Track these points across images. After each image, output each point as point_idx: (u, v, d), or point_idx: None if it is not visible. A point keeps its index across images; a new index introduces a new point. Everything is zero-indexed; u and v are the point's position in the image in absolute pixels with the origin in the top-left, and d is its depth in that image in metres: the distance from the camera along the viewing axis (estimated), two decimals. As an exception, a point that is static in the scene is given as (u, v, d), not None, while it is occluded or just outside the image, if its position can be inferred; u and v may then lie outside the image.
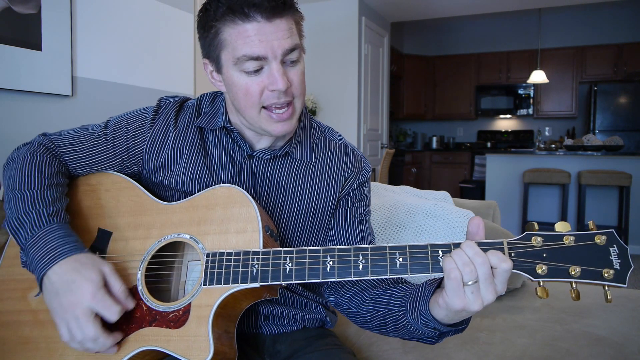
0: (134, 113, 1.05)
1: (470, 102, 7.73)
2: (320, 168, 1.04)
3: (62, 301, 0.81)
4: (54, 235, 0.86)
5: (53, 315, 0.83)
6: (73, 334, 0.81)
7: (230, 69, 0.89)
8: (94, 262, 0.84)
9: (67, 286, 0.81)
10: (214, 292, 0.83)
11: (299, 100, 0.93)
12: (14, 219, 0.89)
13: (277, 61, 0.86)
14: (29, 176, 0.93)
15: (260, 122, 0.92)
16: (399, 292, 0.92)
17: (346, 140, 1.11)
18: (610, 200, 4.81)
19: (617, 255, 0.74)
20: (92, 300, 0.80)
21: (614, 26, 6.87)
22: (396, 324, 0.90)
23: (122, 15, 2.16)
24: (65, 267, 0.83)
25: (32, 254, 0.85)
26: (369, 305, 0.95)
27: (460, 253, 0.73)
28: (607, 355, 1.20)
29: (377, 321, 0.94)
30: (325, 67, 5.09)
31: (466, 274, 0.72)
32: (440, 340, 0.88)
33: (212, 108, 1.04)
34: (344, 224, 1.05)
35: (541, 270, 0.74)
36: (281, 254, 0.82)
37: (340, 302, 1.01)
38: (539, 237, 0.75)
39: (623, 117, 6.32)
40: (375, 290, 0.96)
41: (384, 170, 5.11)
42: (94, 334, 0.80)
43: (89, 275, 0.82)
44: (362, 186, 1.07)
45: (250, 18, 0.84)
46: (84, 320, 0.80)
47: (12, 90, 1.74)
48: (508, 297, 1.66)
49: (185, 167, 1.00)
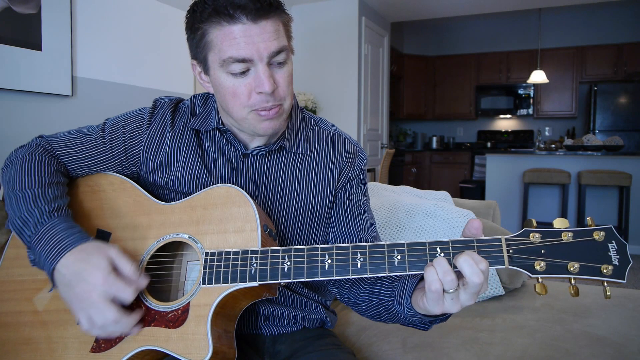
0: (130, 114, 1.05)
1: (470, 102, 7.73)
2: (316, 161, 1.04)
3: (76, 292, 0.82)
4: (57, 229, 0.86)
5: (70, 306, 0.84)
6: (94, 320, 0.81)
7: (217, 71, 0.89)
8: (99, 249, 0.85)
9: (78, 276, 0.82)
10: (213, 292, 0.84)
11: (287, 102, 0.93)
12: (17, 219, 0.89)
13: (264, 63, 0.86)
14: (29, 175, 0.94)
15: (249, 122, 0.92)
16: (389, 282, 0.94)
17: (340, 130, 1.11)
18: (610, 200, 4.81)
19: (615, 251, 0.73)
20: (104, 285, 0.81)
21: (614, 26, 6.87)
22: (389, 312, 0.92)
23: (122, 15, 2.16)
24: (72, 258, 0.83)
25: (38, 251, 0.86)
26: (364, 295, 0.97)
27: (441, 262, 0.74)
28: (607, 355, 1.20)
29: (372, 310, 0.97)
30: (325, 67, 5.09)
31: (447, 283, 0.73)
32: (431, 326, 0.89)
33: (205, 109, 1.04)
34: (345, 217, 1.06)
35: (539, 266, 0.74)
36: (279, 252, 0.82)
37: (342, 292, 1.03)
38: (537, 233, 0.75)
39: (623, 117, 6.32)
40: (369, 281, 0.98)
41: (384, 170, 5.11)
42: (115, 316, 0.80)
43: (97, 263, 0.82)
44: (358, 176, 1.07)
45: (236, 20, 0.84)
46: (102, 305, 0.80)
47: (12, 90, 1.74)
48: (508, 297, 1.66)
49: (183, 168, 1.00)
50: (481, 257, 0.73)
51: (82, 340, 0.88)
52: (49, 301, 0.93)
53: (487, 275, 0.74)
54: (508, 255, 0.75)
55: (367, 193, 1.11)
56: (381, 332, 1.35)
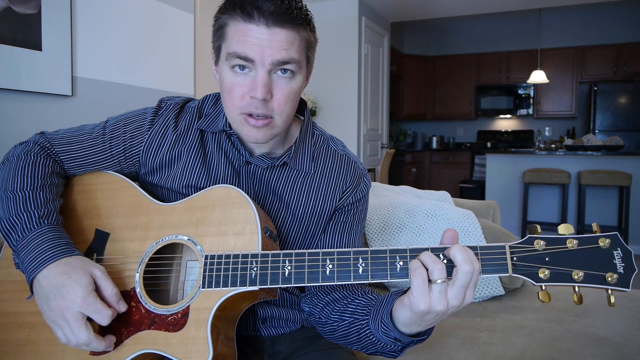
0: (133, 113, 1.04)
1: (470, 102, 7.73)
2: (319, 180, 1.02)
3: (52, 305, 0.80)
4: (44, 237, 0.85)
5: (45, 318, 0.83)
6: (67, 337, 0.81)
7: (223, 63, 0.89)
8: (84, 266, 0.83)
9: (56, 290, 0.80)
10: (213, 295, 0.83)
11: (281, 117, 0.89)
12: (6, 221, 0.88)
13: (265, 69, 0.85)
14: (22, 177, 0.92)
15: (237, 124, 0.91)
16: (365, 301, 0.92)
17: (349, 151, 1.08)
18: (610, 200, 4.81)
19: (621, 259, 0.72)
20: (82, 304, 0.79)
21: (614, 26, 6.86)
22: (359, 334, 0.90)
23: (122, 15, 2.16)
24: (55, 270, 0.82)
25: (22, 257, 0.84)
26: (336, 314, 0.95)
27: (428, 253, 0.73)
28: (607, 355, 1.20)
29: (341, 331, 0.94)
30: (325, 67, 5.09)
31: (437, 271, 0.71)
32: (401, 354, 0.86)
33: (215, 110, 1.03)
34: (333, 235, 1.04)
35: (543, 274, 0.73)
36: (280, 256, 0.81)
37: (313, 312, 1.01)
38: (541, 240, 0.74)
39: (623, 117, 6.32)
40: (345, 301, 0.96)
41: (384, 170, 5.11)
42: (86, 338, 0.79)
43: (79, 279, 0.81)
44: (359, 201, 1.05)
45: (252, 19, 0.84)
46: (75, 325, 0.79)
47: (12, 90, 1.74)
48: (508, 297, 1.66)
49: (183, 170, 1.00)
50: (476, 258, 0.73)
51: (81, 342, 0.88)
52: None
53: (477, 278, 0.72)
54: (512, 263, 0.74)
55: (363, 221, 1.08)
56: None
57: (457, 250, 0.72)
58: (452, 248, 0.73)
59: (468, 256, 0.71)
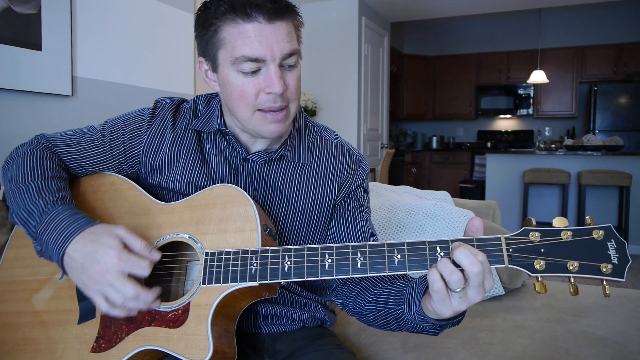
0: (131, 115, 1.05)
1: (470, 102, 7.73)
2: (316, 171, 1.04)
3: (90, 274, 0.81)
4: (62, 215, 0.87)
5: (85, 290, 0.83)
6: (112, 300, 0.81)
7: (226, 69, 0.89)
8: (107, 230, 0.85)
9: (91, 257, 0.81)
10: (213, 291, 0.84)
11: (294, 105, 0.94)
12: (22, 210, 0.89)
13: (276, 64, 0.87)
14: (31, 169, 0.94)
15: (253, 123, 0.92)
16: (396, 290, 0.93)
17: (342, 139, 1.11)
18: (610, 200, 4.81)
19: (615, 249, 0.73)
20: (119, 262, 0.80)
21: (614, 26, 6.87)
22: (398, 321, 0.91)
23: (122, 15, 2.16)
24: (82, 241, 0.83)
25: (45, 239, 0.85)
26: (371, 305, 0.96)
27: (445, 262, 0.73)
28: (607, 355, 1.20)
29: (380, 320, 0.95)
30: (325, 67, 5.09)
31: (454, 283, 0.72)
32: (442, 331, 0.88)
33: (207, 110, 1.04)
34: (346, 226, 1.05)
35: (539, 265, 0.74)
36: (279, 252, 0.82)
37: (346, 303, 1.02)
38: (536, 232, 0.75)
39: (623, 117, 6.32)
40: (375, 290, 0.97)
41: (384, 170, 5.11)
42: (134, 292, 0.80)
43: (108, 242, 0.82)
44: (360, 187, 1.07)
45: (252, 18, 0.84)
46: (119, 283, 0.80)
47: (12, 90, 1.74)
48: (508, 297, 1.66)
49: (183, 170, 1.00)
50: (478, 250, 0.73)
51: (82, 340, 0.88)
52: (49, 301, 0.93)
53: (488, 267, 0.73)
54: (508, 254, 0.75)
55: (368, 203, 1.11)
56: (381, 332, 1.35)
57: (460, 254, 0.72)
58: (454, 253, 0.73)
59: (473, 258, 0.72)
